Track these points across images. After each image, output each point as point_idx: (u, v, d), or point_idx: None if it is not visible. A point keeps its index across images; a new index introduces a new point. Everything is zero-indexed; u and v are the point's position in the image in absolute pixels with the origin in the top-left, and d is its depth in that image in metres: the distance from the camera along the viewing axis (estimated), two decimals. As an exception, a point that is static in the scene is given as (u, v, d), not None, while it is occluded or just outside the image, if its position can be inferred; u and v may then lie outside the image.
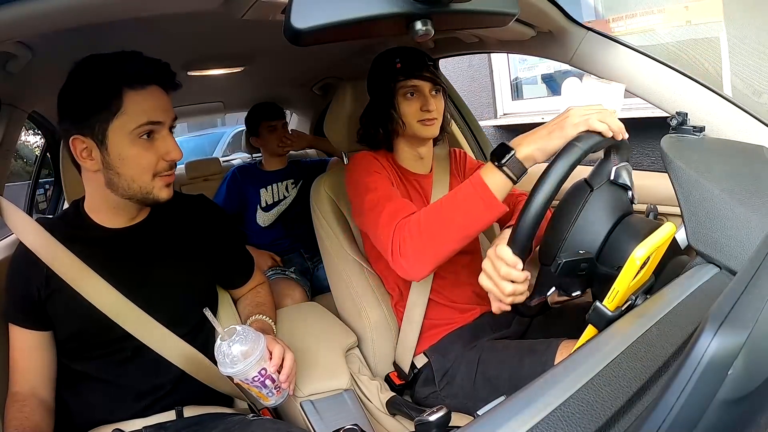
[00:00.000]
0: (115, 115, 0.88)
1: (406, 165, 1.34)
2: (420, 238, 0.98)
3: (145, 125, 0.90)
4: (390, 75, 1.25)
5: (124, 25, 0.82)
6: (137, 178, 0.92)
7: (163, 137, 0.93)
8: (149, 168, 0.92)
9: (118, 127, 0.89)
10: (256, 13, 0.84)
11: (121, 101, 0.88)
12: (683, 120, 0.95)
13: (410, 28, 0.61)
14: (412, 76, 1.23)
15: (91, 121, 0.89)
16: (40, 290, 0.95)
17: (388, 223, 1.05)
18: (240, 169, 2.25)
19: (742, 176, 0.83)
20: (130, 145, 0.90)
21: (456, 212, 0.95)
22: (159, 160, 0.93)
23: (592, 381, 0.49)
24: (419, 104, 1.24)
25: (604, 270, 0.85)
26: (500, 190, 0.92)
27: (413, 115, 1.24)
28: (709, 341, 0.38)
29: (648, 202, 1.00)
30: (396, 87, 1.24)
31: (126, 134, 0.89)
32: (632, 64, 1.07)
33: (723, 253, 0.70)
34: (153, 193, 0.95)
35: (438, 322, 1.27)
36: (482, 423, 0.46)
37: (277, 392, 0.95)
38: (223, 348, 0.90)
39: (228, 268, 1.18)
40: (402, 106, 1.25)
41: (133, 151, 0.90)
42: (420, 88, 1.24)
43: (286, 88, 2.32)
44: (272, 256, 2.07)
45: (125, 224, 1.02)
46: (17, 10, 0.68)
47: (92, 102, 0.89)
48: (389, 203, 1.09)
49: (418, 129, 1.25)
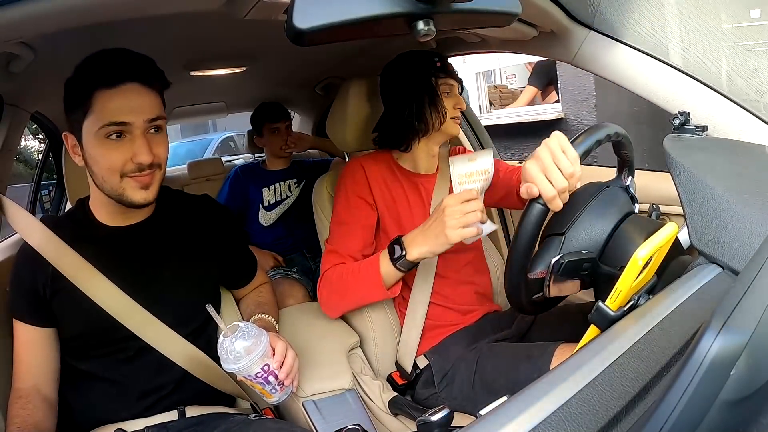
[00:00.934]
0: (85, 114, 0.89)
1: (412, 166, 1.34)
2: (330, 292, 1.21)
3: (108, 126, 0.88)
4: (430, 72, 1.28)
5: (126, 26, 0.82)
6: (106, 177, 0.92)
7: (132, 138, 0.90)
8: (115, 168, 0.91)
9: (88, 126, 0.90)
10: (259, 13, 0.84)
11: (90, 101, 0.88)
12: (685, 119, 0.95)
13: (412, 27, 0.61)
14: (451, 75, 1.30)
15: (71, 119, 0.92)
16: (46, 287, 0.96)
17: (325, 260, 1.24)
18: (243, 168, 2.25)
19: (745, 176, 0.82)
20: (98, 144, 0.90)
21: (357, 285, 1.16)
22: (127, 162, 0.91)
23: (594, 381, 0.49)
24: (453, 102, 1.29)
25: (607, 270, 0.85)
26: (391, 279, 1.13)
27: (449, 112, 1.29)
28: (711, 341, 0.37)
29: (650, 202, 1.00)
30: (437, 83, 1.28)
31: (93, 134, 0.90)
32: (635, 64, 1.06)
33: (726, 253, 0.70)
34: (125, 194, 0.93)
35: (440, 322, 1.27)
36: (484, 423, 0.46)
37: (280, 389, 0.95)
38: (226, 344, 0.90)
39: (231, 268, 1.18)
40: (443, 102, 1.29)
41: (100, 151, 0.90)
42: (454, 87, 1.30)
43: (288, 88, 2.32)
44: (275, 256, 2.08)
45: (126, 222, 1.02)
46: (20, 11, 0.68)
47: (70, 101, 0.91)
48: (339, 241, 1.23)
49: (450, 126, 1.30)
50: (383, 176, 1.30)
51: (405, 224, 1.28)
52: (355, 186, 1.27)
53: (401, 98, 1.31)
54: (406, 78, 1.31)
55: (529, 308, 0.98)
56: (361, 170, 1.29)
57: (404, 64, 1.32)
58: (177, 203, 1.09)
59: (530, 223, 0.82)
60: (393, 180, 1.31)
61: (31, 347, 0.97)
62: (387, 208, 1.28)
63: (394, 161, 1.34)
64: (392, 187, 1.30)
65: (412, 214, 1.30)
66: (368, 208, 1.27)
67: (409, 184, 1.32)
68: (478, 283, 1.36)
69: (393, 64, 1.34)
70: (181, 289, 1.04)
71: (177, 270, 1.04)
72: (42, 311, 0.97)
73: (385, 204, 1.28)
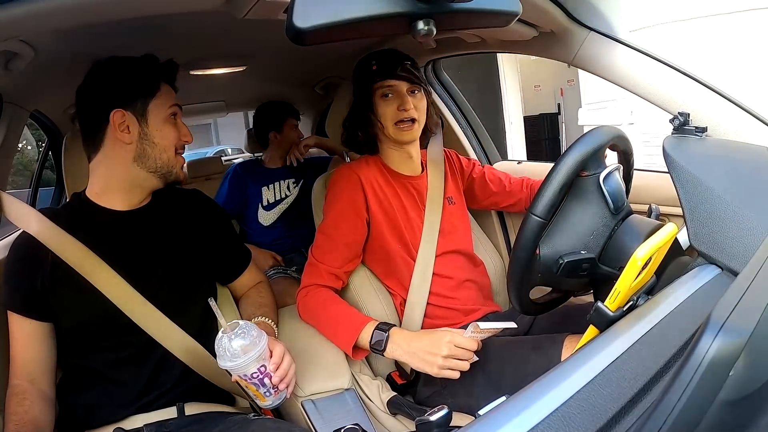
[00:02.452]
0: (153, 96, 1.03)
1: (396, 167, 1.34)
2: (307, 313, 1.22)
3: (173, 106, 1.07)
4: (367, 78, 1.26)
5: (126, 25, 0.82)
6: (167, 151, 1.05)
7: (181, 123, 1.09)
8: (174, 143, 1.06)
9: (157, 105, 1.04)
10: (259, 13, 0.84)
11: (158, 87, 1.04)
12: (685, 120, 0.95)
13: (412, 27, 0.61)
14: (388, 76, 1.24)
15: (133, 98, 1.02)
16: (44, 279, 0.96)
17: (306, 272, 1.25)
18: (242, 165, 2.25)
19: (744, 177, 0.83)
20: (165, 121, 1.05)
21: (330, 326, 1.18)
22: (179, 139, 1.07)
23: (593, 381, 0.49)
24: (396, 104, 1.24)
25: (606, 270, 0.85)
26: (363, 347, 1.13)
27: (391, 116, 1.25)
28: (710, 342, 0.38)
29: (650, 203, 1.00)
30: (373, 89, 1.26)
31: (163, 110, 1.04)
32: (635, 65, 1.06)
33: (725, 254, 0.70)
34: (176, 168, 1.08)
35: (441, 323, 1.27)
36: (483, 423, 0.46)
37: (274, 393, 0.95)
38: (224, 341, 0.90)
39: (221, 259, 1.19)
40: (379, 108, 1.26)
41: (168, 127, 1.05)
42: (397, 88, 1.25)
43: (288, 87, 2.32)
44: (274, 256, 2.08)
45: (130, 207, 1.06)
46: (20, 9, 0.68)
47: (136, 84, 1.03)
48: (322, 256, 1.23)
49: (395, 133, 1.26)
50: (377, 180, 1.29)
51: (401, 226, 1.28)
52: (348, 195, 1.26)
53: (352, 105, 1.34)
54: (353, 86, 1.34)
55: (531, 308, 0.99)
56: (355, 177, 1.27)
57: (353, 71, 1.33)
58: (170, 196, 1.13)
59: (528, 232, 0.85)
60: (386, 183, 1.30)
61: (27, 341, 0.97)
62: (383, 211, 1.28)
63: (383, 164, 1.33)
64: (386, 190, 1.29)
65: (408, 216, 1.30)
66: (357, 221, 1.25)
67: (401, 185, 1.32)
68: (478, 283, 1.36)
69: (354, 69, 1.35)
70: (178, 279, 1.05)
71: (172, 260, 1.06)
72: (39, 305, 0.97)
73: (381, 208, 1.28)
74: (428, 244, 1.29)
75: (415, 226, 1.30)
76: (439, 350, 1.02)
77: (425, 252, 1.28)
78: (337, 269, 1.23)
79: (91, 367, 0.99)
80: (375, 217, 1.27)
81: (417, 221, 1.31)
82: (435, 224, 1.31)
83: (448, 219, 1.34)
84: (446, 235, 1.32)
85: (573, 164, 0.85)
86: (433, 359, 1.03)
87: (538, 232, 0.85)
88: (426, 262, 1.27)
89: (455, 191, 1.41)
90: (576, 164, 0.85)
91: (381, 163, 1.33)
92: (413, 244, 1.28)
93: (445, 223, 1.33)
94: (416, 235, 1.29)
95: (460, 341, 1.03)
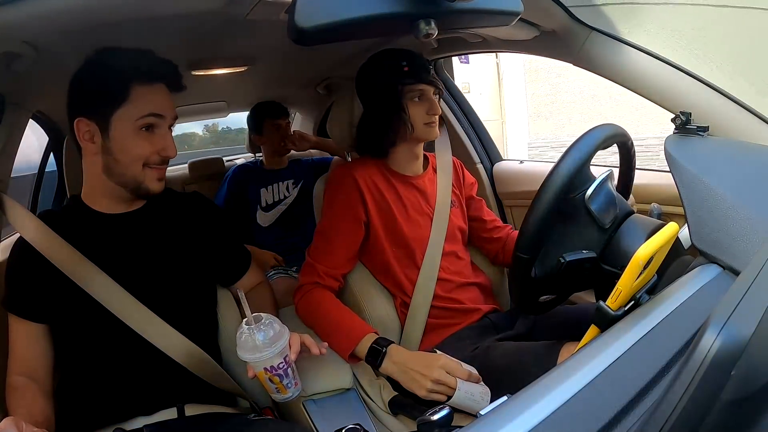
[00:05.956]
0: (120, 104, 0.93)
1: (400, 168, 1.33)
2: (304, 313, 1.23)
3: (147, 116, 0.95)
4: (397, 78, 1.24)
5: (128, 25, 0.82)
6: (131, 165, 0.97)
7: (162, 133, 0.98)
8: (142, 158, 0.97)
9: (123, 115, 0.94)
10: (260, 13, 0.84)
11: (128, 92, 0.94)
12: (687, 120, 0.95)
13: (414, 27, 0.61)
14: (421, 81, 1.24)
15: (96, 107, 0.94)
16: (43, 283, 0.96)
17: (304, 271, 1.25)
18: (241, 167, 2.26)
19: (746, 177, 0.82)
20: (133, 134, 0.95)
21: (328, 332, 1.16)
22: (153, 154, 0.97)
23: (594, 381, 0.49)
24: (425, 108, 1.25)
25: (608, 269, 0.85)
26: (361, 356, 1.12)
27: (421, 117, 1.25)
28: (712, 341, 0.37)
29: (651, 202, 1.00)
30: (404, 90, 1.24)
31: (130, 122, 0.94)
32: (637, 64, 1.06)
33: (726, 254, 0.70)
34: (144, 183, 0.99)
35: (442, 322, 1.27)
36: (485, 422, 0.46)
37: (294, 384, 0.96)
38: (251, 333, 0.90)
39: (222, 261, 1.18)
40: (411, 110, 1.25)
41: (133, 140, 0.95)
42: (426, 91, 1.25)
43: (289, 87, 2.32)
44: (275, 256, 2.08)
45: (121, 211, 1.04)
46: (22, 10, 0.68)
47: (100, 89, 0.94)
48: (319, 256, 1.24)
49: (424, 131, 1.27)
50: (375, 181, 1.28)
51: (401, 227, 1.28)
52: (344, 196, 1.25)
53: (370, 105, 1.31)
54: (373, 84, 1.29)
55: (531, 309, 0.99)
56: (352, 178, 1.26)
57: (373, 67, 1.30)
58: (167, 200, 1.10)
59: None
60: (386, 184, 1.29)
61: (25, 341, 0.97)
62: (381, 213, 1.27)
63: (384, 164, 1.32)
64: (386, 191, 1.28)
65: (409, 216, 1.30)
66: (354, 222, 1.25)
67: (402, 185, 1.31)
68: (479, 283, 1.36)
69: (365, 67, 1.32)
70: (174, 283, 1.05)
71: (169, 263, 1.05)
72: (36, 307, 0.97)
73: (379, 209, 1.27)
74: (435, 247, 1.29)
75: (417, 226, 1.30)
76: (430, 373, 1.02)
77: (431, 254, 1.28)
78: (334, 270, 1.24)
79: (90, 369, 0.99)
80: (372, 218, 1.26)
81: (419, 221, 1.31)
82: (442, 229, 1.31)
83: (450, 221, 1.34)
84: (449, 238, 1.32)
85: (552, 199, 0.85)
86: (423, 381, 1.03)
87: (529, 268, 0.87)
88: (432, 265, 1.27)
89: (457, 195, 1.42)
90: (556, 196, 0.85)
91: (382, 164, 1.32)
92: (414, 244, 1.28)
93: (448, 226, 1.33)
94: (417, 234, 1.29)
95: (453, 367, 1.03)
